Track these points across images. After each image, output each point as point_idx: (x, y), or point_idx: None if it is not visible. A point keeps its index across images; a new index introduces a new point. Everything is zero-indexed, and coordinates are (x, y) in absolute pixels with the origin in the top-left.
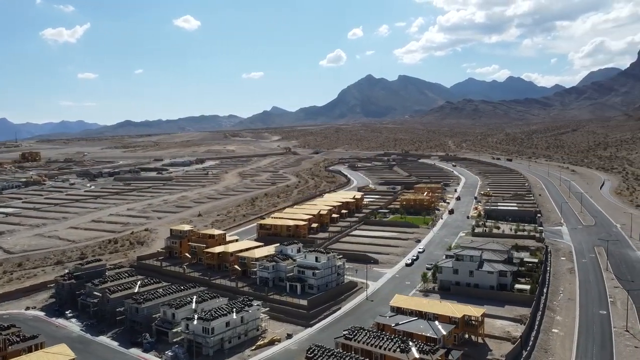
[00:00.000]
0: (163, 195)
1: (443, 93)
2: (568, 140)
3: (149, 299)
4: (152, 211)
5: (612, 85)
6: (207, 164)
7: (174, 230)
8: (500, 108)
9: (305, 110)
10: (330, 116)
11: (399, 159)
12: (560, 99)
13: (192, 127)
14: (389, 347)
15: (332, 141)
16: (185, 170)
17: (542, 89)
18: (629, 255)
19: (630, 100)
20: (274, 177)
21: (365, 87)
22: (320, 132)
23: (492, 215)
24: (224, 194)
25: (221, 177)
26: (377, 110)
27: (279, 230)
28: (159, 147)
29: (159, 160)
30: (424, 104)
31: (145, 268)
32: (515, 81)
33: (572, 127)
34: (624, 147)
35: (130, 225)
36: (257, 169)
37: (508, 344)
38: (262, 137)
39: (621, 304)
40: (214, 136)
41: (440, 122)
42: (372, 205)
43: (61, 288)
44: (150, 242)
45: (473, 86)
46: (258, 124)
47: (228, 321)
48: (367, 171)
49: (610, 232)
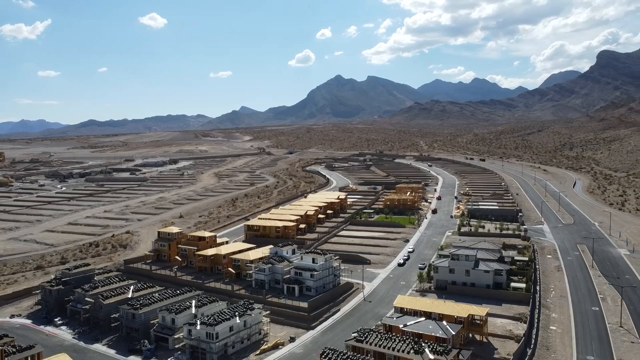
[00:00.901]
0: (139, 196)
1: (411, 94)
2: (535, 141)
3: (146, 304)
4: (131, 213)
5: (573, 88)
6: (181, 164)
7: (162, 233)
8: (467, 109)
9: (274, 110)
10: (300, 116)
11: (375, 159)
12: (524, 100)
13: (159, 126)
14: (402, 348)
15: (304, 141)
16: (159, 170)
17: (506, 91)
18: (611, 253)
19: (589, 102)
20: (252, 178)
21: (334, 88)
22: (292, 132)
23: (476, 215)
24: (203, 195)
25: (197, 177)
26: (347, 110)
27: (267, 231)
28: (128, 147)
29: (130, 161)
30: (393, 105)
31: (134, 272)
32: (481, 83)
33: (538, 128)
34: (588, 148)
35: (110, 228)
36: (233, 169)
37: (511, 342)
38: (234, 137)
39: (611, 300)
40: (184, 136)
41: (409, 123)
42: (355, 205)
43: (48, 294)
44: (134, 245)
45: (440, 87)
46: (227, 123)
47: (232, 325)
48: (345, 171)
49: (589, 230)
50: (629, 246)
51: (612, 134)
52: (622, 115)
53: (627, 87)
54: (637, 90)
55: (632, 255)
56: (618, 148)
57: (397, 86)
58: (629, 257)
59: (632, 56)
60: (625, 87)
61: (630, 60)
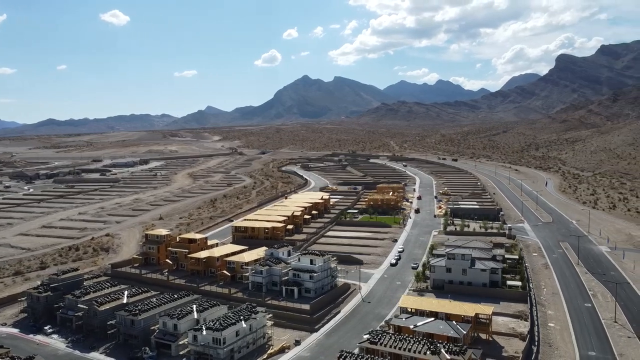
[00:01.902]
0: (113, 197)
1: (377, 95)
2: (501, 141)
3: (145, 310)
4: (108, 215)
5: (534, 90)
6: (152, 164)
7: (150, 235)
8: (433, 110)
9: (241, 110)
10: (267, 116)
11: (350, 159)
12: (487, 102)
13: (122, 126)
14: (418, 349)
15: (275, 141)
16: (130, 171)
17: (469, 92)
18: (593, 250)
19: (549, 104)
20: (228, 178)
21: (301, 88)
22: (261, 132)
23: (458, 214)
24: (181, 196)
25: (171, 178)
26: (314, 110)
27: (256, 232)
28: (93, 148)
29: (98, 161)
30: (359, 105)
31: (122, 276)
32: (445, 84)
33: (503, 129)
34: (553, 148)
35: (88, 231)
36: (207, 169)
37: (516, 340)
38: (203, 137)
39: (601, 296)
40: (151, 136)
41: (377, 123)
42: (338, 205)
43: (35, 301)
44: (117, 248)
45: (405, 88)
46: (193, 123)
47: (238, 330)
48: (322, 171)
49: (568, 228)
50: (610, 243)
51: (574, 135)
52: (582, 117)
53: (584, 90)
54: (594, 93)
55: (614, 252)
56: (581, 148)
57: (364, 87)
58: (611, 254)
59: (588, 60)
60: (583, 90)
61: (586, 64)
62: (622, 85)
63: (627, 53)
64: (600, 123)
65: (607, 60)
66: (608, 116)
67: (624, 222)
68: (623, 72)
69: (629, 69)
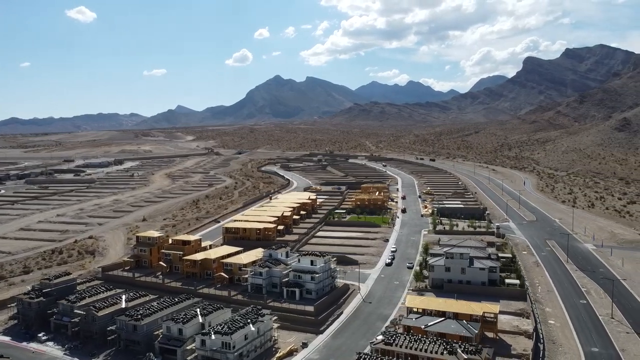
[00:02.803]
0: (91, 199)
1: (349, 95)
2: (474, 142)
3: (147, 315)
4: (88, 217)
5: (502, 92)
6: (127, 165)
7: (141, 237)
8: (405, 111)
9: (212, 110)
10: (239, 116)
11: (329, 159)
12: (457, 103)
13: (89, 125)
14: (434, 349)
15: (250, 141)
16: (105, 171)
17: (439, 93)
18: (579, 248)
19: (517, 105)
20: (208, 179)
21: (273, 88)
22: (235, 132)
23: (445, 213)
24: (162, 197)
25: (149, 179)
26: (286, 110)
27: (248, 233)
28: (63, 147)
29: (69, 161)
30: (332, 106)
31: (114, 280)
32: (415, 85)
33: (474, 129)
34: (525, 148)
35: (70, 233)
36: (185, 170)
37: (521, 338)
38: (176, 137)
39: (595, 293)
40: (122, 135)
41: (350, 124)
42: (324, 205)
43: (27, 307)
44: (102, 250)
45: (377, 89)
46: (163, 123)
47: (247, 334)
48: (302, 171)
49: (552, 226)
50: (596, 241)
51: (544, 136)
52: (550, 118)
53: (550, 91)
54: (559, 95)
55: (600, 250)
56: (552, 149)
57: (336, 87)
58: (597, 251)
59: (553, 63)
60: (549, 92)
61: (552, 66)
62: (586, 88)
63: (590, 56)
64: (568, 124)
65: (571, 63)
66: (575, 117)
67: (604, 220)
68: (586, 74)
69: (592, 72)
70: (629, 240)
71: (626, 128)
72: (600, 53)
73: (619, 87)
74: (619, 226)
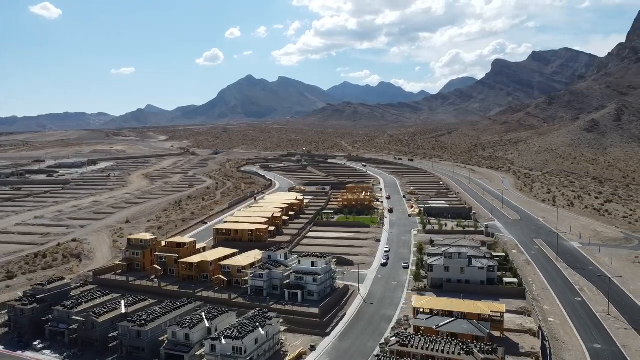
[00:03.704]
0: (69, 200)
1: (321, 96)
2: (448, 142)
3: (151, 320)
4: (68, 219)
5: (471, 93)
6: (101, 165)
7: (133, 240)
8: (377, 111)
9: (183, 110)
10: (211, 116)
11: (308, 159)
12: (428, 104)
13: (55, 125)
14: (451, 350)
15: (225, 141)
16: (79, 172)
17: (410, 94)
18: (566, 246)
19: (486, 106)
20: (188, 179)
21: (245, 88)
22: (208, 132)
23: (432, 213)
24: (143, 198)
25: (126, 179)
26: (259, 110)
27: (240, 234)
28: (31, 147)
29: (40, 162)
30: (304, 106)
31: (107, 284)
32: (387, 86)
33: (447, 130)
34: (498, 148)
35: (51, 236)
36: (163, 170)
37: (527, 336)
38: (148, 136)
39: (588, 290)
40: (93, 135)
41: (324, 124)
42: (310, 206)
43: (20, 314)
44: (89, 254)
45: (349, 90)
46: (133, 122)
47: (257, 338)
48: (283, 172)
49: (537, 225)
50: (582, 239)
51: (515, 136)
52: (521, 119)
53: (518, 93)
54: (526, 97)
55: (586, 248)
56: (525, 149)
57: (308, 87)
58: (583, 249)
59: (521, 65)
60: (517, 94)
61: (519, 69)
62: (552, 90)
63: (555, 59)
64: (537, 125)
65: (538, 65)
66: (544, 118)
67: (586, 219)
68: (552, 77)
69: (557, 75)
70: (612, 238)
71: (594, 129)
72: (565, 56)
73: (585, 90)
74: (600, 224)
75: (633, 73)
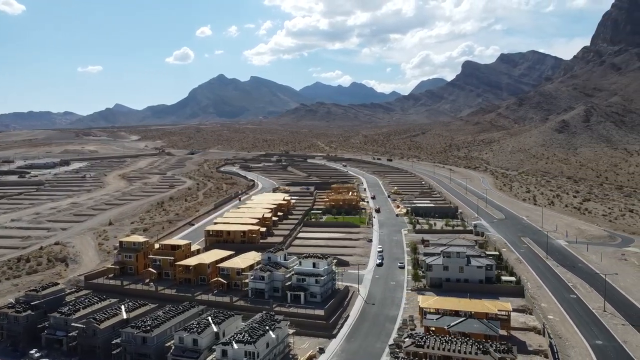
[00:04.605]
0: (45, 202)
1: (294, 96)
2: (423, 142)
3: (156, 325)
4: (48, 221)
5: (442, 94)
6: (75, 165)
7: (126, 243)
8: (350, 111)
9: (153, 109)
10: (182, 115)
11: (287, 159)
12: (400, 104)
13: (19, 124)
14: (468, 350)
15: (199, 141)
16: (52, 173)
17: (381, 95)
18: (553, 244)
19: (457, 107)
20: (167, 180)
21: (217, 87)
22: (181, 132)
23: (419, 212)
24: (123, 199)
25: (103, 180)
26: (231, 110)
27: (232, 236)
28: None
29: (8, 162)
30: (277, 106)
31: (101, 289)
32: (359, 87)
33: (421, 130)
34: (472, 148)
35: (32, 239)
36: (140, 171)
37: (532, 334)
38: (120, 136)
39: (581, 287)
40: (62, 135)
41: (297, 124)
42: (297, 206)
43: (14, 322)
44: (75, 257)
45: (321, 90)
46: (101, 122)
47: (268, 341)
48: (264, 172)
49: (522, 224)
50: (569, 237)
51: (488, 137)
52: (492, 120)
53: (487, 94)
54: (496, 98)
55: (573, 246)
56: (499, 149)
57: (281, 87)
58: (570, 247)
59: (490, 67)
60: (486, 95)
61: (488, 71)
62: (520, 91)
63: (523, 62)
64: (509, 125)
65: (506, 67)
66: (515, 119)
67: (569, 217)
68: (520, 79)
69: (525, 77)
70: (597, 236)
71: (565, 130)
72: (532, 59)
73: (553, 91)
74: (583, 222)
75: (597, 76)
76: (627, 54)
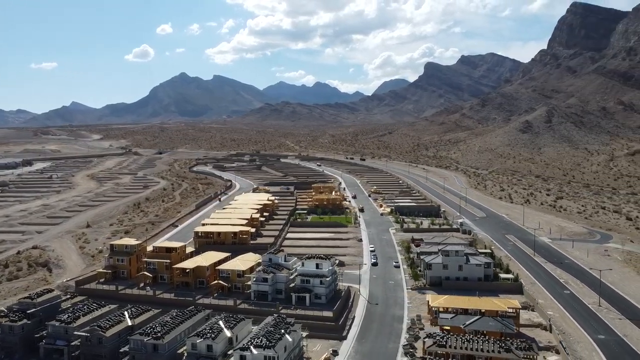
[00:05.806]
0: (13, 204)
1: (258, 95)
2: (391, 142)
3: (167, 332)
4: (20, 224)
5: (405, 94)
6: (38, 166)
7: (117, 246)
8: (315, 111)
9: (112, 107)
10: (142, 114)
11: (261, 158)
12: (364, 104)
13: None
14: (490, 348)
15: (165, 141)
16: (16, 173)
17: (345, 95)
18: (537, 241)
19: (420, 107)
20: (139, 180)
21: (179, 85)
22: (144, 130)
23: (403, 212)
24: (97, 201)
25: (71, 181)
26: (194, 109)
27: (222, 237)
28: None
29: None
30: (240, 105)
31: (94, 295)
32: (322, 87)
33: (388, 130)
34: (440, 148)
35: (7, 244)
36: (109, 171)
37: (538, 330)
38: (81, 135)
39: (573, 283)
40: (19, 134)
41: (262, 123)
42: (280, 206)
43: (8, 332)
44: (57, 262)
45: (285, 89)
46: (57, 120)
47: (286, 345)
48: (238, 172)
49: (504, 222)
50: (552, 235)
51: (454, 136)
52: (457, 120)
53: (449, 95)
54: (457, 98)
55: (557, 243)
56: (466, 149)
57: (244, 87)
58: (554, 244)
59: (451, 69)
60: (448, 96)
61: (450, 72)
62: (480, 92)
63: (482, 64)
64: (473, 125)
65: (466, 69)
66: (479, 120)
67: (547, 215)
68: (480, 80)
69: (485, 78)
70: (577, 233)
71: (528, 130)
72: (491, 61)
73: (514, 93)
74: (561, 220)
75: (555, 78)
76: (582, 58)
